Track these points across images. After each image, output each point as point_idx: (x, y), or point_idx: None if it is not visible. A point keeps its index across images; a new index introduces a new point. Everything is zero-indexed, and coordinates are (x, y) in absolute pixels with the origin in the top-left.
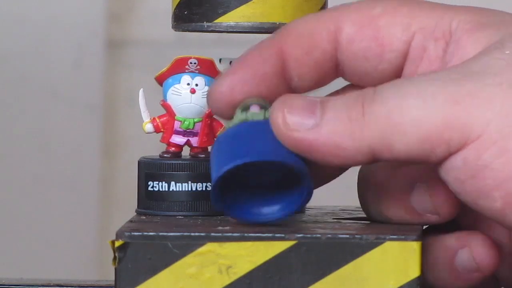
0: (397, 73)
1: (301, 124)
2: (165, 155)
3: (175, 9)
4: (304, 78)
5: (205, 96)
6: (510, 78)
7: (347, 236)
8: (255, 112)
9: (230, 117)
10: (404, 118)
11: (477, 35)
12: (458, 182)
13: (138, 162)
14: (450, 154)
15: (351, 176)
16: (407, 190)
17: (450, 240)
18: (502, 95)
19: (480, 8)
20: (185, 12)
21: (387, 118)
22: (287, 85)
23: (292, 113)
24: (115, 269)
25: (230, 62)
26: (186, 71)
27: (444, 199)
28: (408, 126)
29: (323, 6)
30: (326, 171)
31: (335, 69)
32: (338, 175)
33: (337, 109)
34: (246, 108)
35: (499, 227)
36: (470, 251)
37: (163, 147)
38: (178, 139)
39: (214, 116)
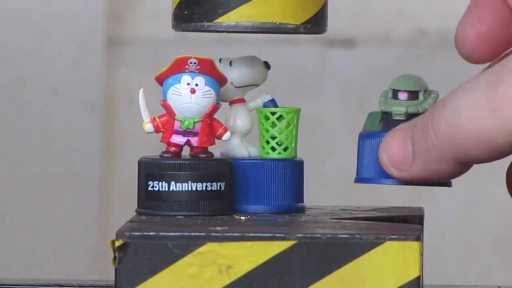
0: None
1: (400, 168)
2: (165, 155)
3: (175, 9)
4: None
5: (205, 96)
6: None
7: (347, 236)
8: (400, 104)
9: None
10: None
11: None
12: None
13: (138, 162)
14: None
15: (351, 176)
16: None
17: None
18: None
19: None
20: (185, 12)
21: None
22: None
23: (392, 161)
24: (115, 269)
25: (230, 63)
26: (186, 71)
27: None
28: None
29: (323, 6)
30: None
31: None
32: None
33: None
34: (396, 93)
35: None
36: None
37: (163, 145)
38: (178, 139)
39: (214, 117)
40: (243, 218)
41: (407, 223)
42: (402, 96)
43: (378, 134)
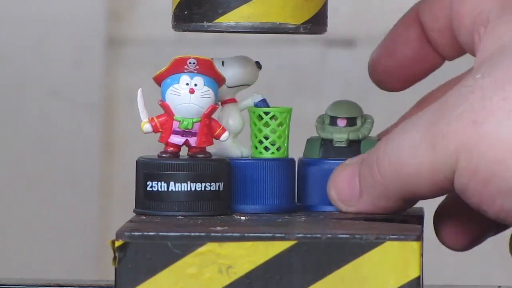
0: None
1: (347, 204)
2: (163, 155)
3: (175, 9)
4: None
5: (204, 96)
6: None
7: (347, 236)
8: (340, 131)
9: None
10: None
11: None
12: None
13: (136, 162)
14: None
15: None
16: None
17: None
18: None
19: None
20: (185, 12)
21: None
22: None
23: (340, 196)
24: (115, 269)
25: (223, 62)
26: (185, 71)
27: None
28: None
29: (323, 6)
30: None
31: None
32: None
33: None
34: (333, 120)
35: None
36: None
37: (164, 145)
38: (176, 139)
39: (212, 117)
40: (243, 218)
41: (407, 223)
42: (341, 122)
43: (320, 161)
